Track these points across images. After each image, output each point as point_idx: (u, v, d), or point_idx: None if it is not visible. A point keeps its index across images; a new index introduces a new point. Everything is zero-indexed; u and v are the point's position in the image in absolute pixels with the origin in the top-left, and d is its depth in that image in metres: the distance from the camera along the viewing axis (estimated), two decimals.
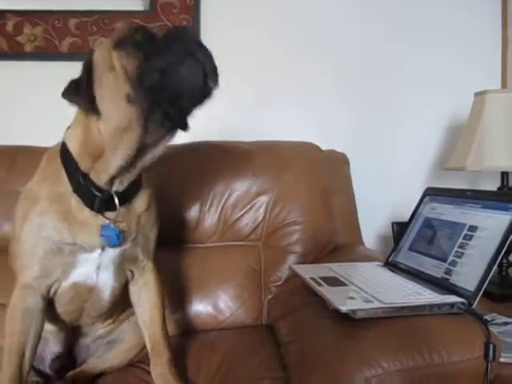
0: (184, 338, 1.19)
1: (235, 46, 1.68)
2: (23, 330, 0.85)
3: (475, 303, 0.83)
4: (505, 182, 1.37)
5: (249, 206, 1.34)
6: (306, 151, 1.42)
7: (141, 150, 0.80)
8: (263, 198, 1.34)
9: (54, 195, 0.84)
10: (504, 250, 0.84)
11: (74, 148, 0.84)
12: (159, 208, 1.01)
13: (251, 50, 1.70)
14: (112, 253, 0.89)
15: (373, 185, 1.68)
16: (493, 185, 1.42)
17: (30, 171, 0.92)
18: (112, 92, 0.76)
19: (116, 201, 0.84)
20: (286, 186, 1.34)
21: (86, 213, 0.84)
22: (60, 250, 0.84)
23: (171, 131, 0.82)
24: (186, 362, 1.06)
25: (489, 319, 1.09)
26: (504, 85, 1.66)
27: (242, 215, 1.34)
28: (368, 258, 1.20)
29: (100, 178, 0.82)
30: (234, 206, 1.34)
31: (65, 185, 0.84)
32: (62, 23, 1.62)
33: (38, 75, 1.62)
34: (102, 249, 0.86)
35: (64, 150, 0.85)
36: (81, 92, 0.77)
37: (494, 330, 1.05)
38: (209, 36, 1.67)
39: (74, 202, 0.84)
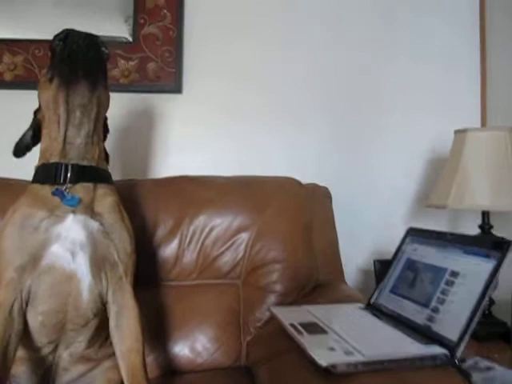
0: (161, 380, 1.15)
1: (217, 79, 1.68)
2: (7, 324, 0.88)
3: (458, 354, 0.81)
4: (486, 221, 1.37)
5: (229, 243, 1.31)
6: (287, 186, 1.40)
7: (73, 110, 0.95)
8: (243, 235, 1.31)
9: (31, 200, 0.94)
10: (485, 300, 0.83)
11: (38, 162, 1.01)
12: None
13: (231, 82, 1.69)
14: (82, 221, 0.93)
15: (354, 218, 1.67)
16: (474, 222, 1.42)
17: (3, 203, 1.00)
18: (42, 93, 0.99)
19: (69, 167, 0.95)
20: (267, 222, 1.32)
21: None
22: (36, 229, 0.90)
23: (86, 87, 0.95)
24: None
25: (469, 369, 1.07)
26: (483, 123, 1.67)
27: (222, 252, 1.30)
28: (349, 298, 1.18)
29: (55, 150, 0.96)
30: (213, 243, 1.31)
31: (34, 188, 0.97)
32: (42, 52, 1.59)
33: (18, 104, 1.59)
34: (73, 212, 0.93)
35: None
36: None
37: (476, 376, 1.03)
38: (190, 67, 1.67)
39: (45, 190, 0.95)
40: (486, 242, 0.90)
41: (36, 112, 1.07)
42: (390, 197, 1.72)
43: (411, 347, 0.82)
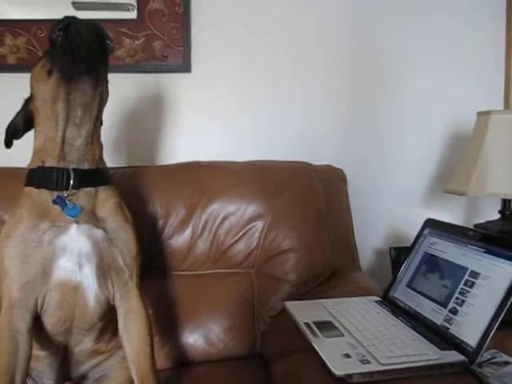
0: (175, 371, 1.17)
1: (226, 55, 1.61)
2: (11, 352, 0.86)
3: (477, 361, 0.79)
4: (507, 206, 1.32)
5: (242, 232, 1.29)
6: (300, 173, 1.37)
7: (74, 108, 0.89)
8: (257, 224, 1.29)
9: (29, 208, 0.90)
10: (508, 305, 0.80)
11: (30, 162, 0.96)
12: (142, 232, 1.09)
13: (242, 57, 1.62)
14: (86, 230, 0.90)
15: (369, 200, 1.64)
16: (495, 207, 1.38)
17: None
18: (38, 85, 0.92)
19: (71, 173, 0.90)
20: (281, 211, 1.29)
21: (55, 195, 0.90)
22: (40, 243, 0.87)
23: (89, 83, 0.89)
24: None
25: (485, 363, 1.05)
26: (507, 105, 1.59)
27: (235, 241, 1.29)
28: (365, 290, 1.16)
29: (53, 151, 0.91)
30: (227, 232, 1.29)
31: (30, 193, 0.92)
32: (45, 33, 1.53)
33: (22, 88, 1.54)
34: (77, 222, 0.90)
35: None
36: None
37: (489, 372, 1.02)
38: (199, 44, 1.60)
39: (44, 196, 0.90)
40: (511, 243, 0.86)
41: (27, 101, 0.98)
42: (407, 178, 1.66)
43: (429, 353, 0.80)
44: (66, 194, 0.90)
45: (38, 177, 0.92)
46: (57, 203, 0.89)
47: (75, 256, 0.89)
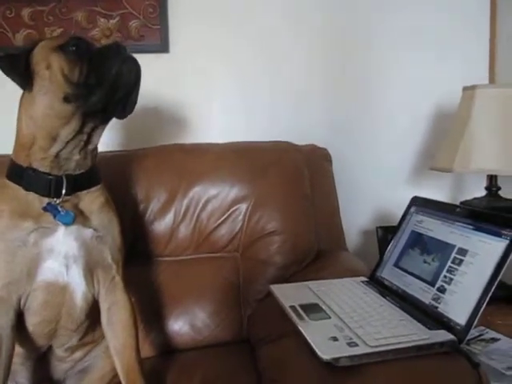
0: (161, 359, 1.14)
1: (203, 34, 1.56)
2: None
3: (466, 340, 0.78)
4: (493, 182, 1.30)
5: (226, 215, 1.26)
6: (284, 153, 1.33)
7: (81, 133, 0.85)
8: (241, 206, 1.26)
9: (14, 206, 0.84)
10: (497, 282, 0.78)
11: (12, 152, 0.89)
12: (123, 217, 1.00)
13: (220, 36, 1.57)
14: (74, 231, 0.86)
15: (355, 179, 1.61)
16: (482, 183, 1.36)
17: None
18: (48, 88, 0.82)
19: (64, 181, 0.86)
20: (265, 192, 1.26)
21: (45, 202, 0.85)
22: (24, 243, 0.83)
23: (108, 119, 0.89)
24: None
25: (473, 341, 1.05)
26: (491, 79, 1.56)
27: (218, 225, 1.26)
28: (351, 271, 1.14)
29: (44, 160, 0.85)
30: (209, 216, 1.26)
31: (17, 191, 0.85)
32: (14, 13, 1.46)
33: None
34: (65, 225, 0.85)
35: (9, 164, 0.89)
36: (18, 68, 0.82)
37: (477, 349, 1.01)
38: (176, 24, 1.54)
39: (31, 197, 0.85)
40: (499, 219, 0.84)
41: (28, 55, 0.83)
42: (393, 157, 1.64)
43: (418, 333, 0.78)
44: (57, 202, 0.85)
45: (28, 179, 0.85)
46: (48, 210, 0.84)
47: (62, 258, 0.86)
